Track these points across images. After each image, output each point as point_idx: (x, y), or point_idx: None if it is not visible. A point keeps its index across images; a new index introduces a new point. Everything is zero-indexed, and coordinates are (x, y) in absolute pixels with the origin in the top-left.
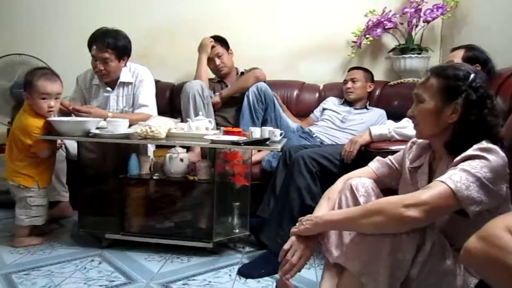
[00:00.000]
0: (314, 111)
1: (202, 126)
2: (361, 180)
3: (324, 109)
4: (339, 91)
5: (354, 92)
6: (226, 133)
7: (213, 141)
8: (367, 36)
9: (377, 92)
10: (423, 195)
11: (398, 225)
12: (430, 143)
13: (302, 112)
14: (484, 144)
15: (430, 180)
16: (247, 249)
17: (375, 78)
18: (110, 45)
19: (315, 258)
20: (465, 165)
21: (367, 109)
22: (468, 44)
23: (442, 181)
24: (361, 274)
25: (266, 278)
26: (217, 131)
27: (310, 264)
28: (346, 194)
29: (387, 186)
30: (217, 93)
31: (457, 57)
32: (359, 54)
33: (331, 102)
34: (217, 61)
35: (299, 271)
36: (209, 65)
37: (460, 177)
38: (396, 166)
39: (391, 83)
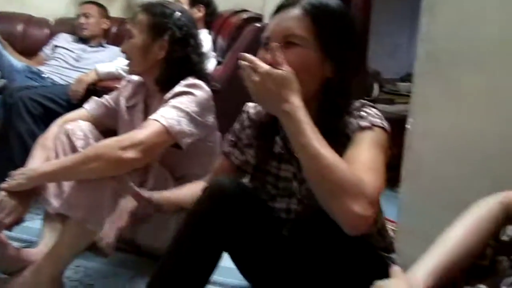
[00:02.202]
0: (44, 49)
1: None
2: (77, 123)
3: (55, 46)
4: (72, 27)
5: (88, 28)
6: None
7: None
8: None
9: (114, 29)
10: (138, 135)
11: (117, 168)
12: (143, 81)
13: (30, 50)
14: (190, 80)
15: (146, 118)
16: None
17: (113, 15)
18: None
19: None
20: (175, 101)
21: (104, 47)
22: None
23: (155, 119)
24: (85, 221)
25: None
26: None
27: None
28: (62, 140)
29: (106, 126)
30: None
31: None
32: None
33: (63, 39)
34: None
35: (9, 228)
36: None
37: (171, 113)
38: (112, 105)
39: (129, 20)
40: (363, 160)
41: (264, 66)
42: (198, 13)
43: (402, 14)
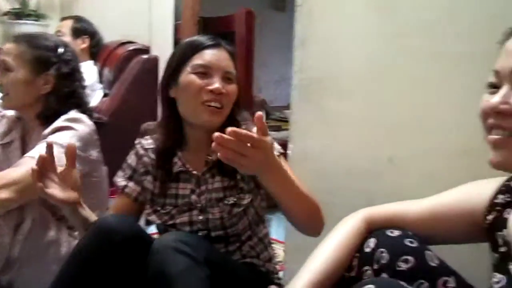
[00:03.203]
0: None
1: None
2: None
3: None
4: None
5: None
6: None
7: None
8: None
9: None
10: (12, 174)
11: None
12: (20, 116)
13: None
14: (71, 114)
15: (23, 155)
16: None
17: None
18: None
19: None
20: (54, 137)
21: None
22: (76, 15)
23: (31, 157)
24: None
25: None
26: None
27: None
28: None
29: None
30: None
31: (66, 27)
32: None
33: None
34: None
35: None
36: None
37: None
38: None
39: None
40: (299, 183)
41: (266, 140)
42: (82, 44)
43: (288, 46)
